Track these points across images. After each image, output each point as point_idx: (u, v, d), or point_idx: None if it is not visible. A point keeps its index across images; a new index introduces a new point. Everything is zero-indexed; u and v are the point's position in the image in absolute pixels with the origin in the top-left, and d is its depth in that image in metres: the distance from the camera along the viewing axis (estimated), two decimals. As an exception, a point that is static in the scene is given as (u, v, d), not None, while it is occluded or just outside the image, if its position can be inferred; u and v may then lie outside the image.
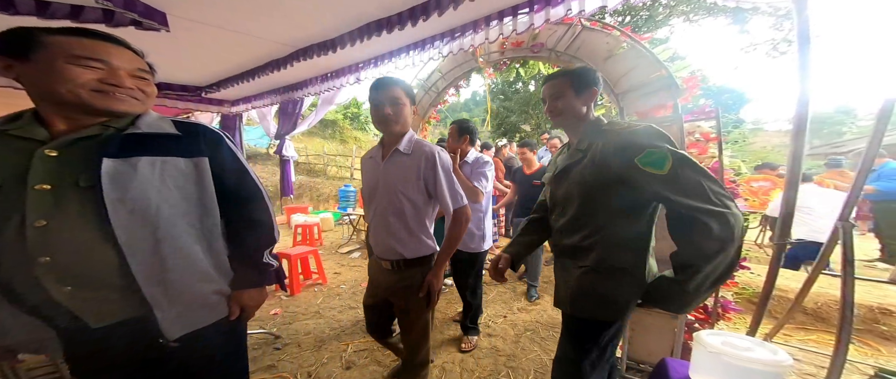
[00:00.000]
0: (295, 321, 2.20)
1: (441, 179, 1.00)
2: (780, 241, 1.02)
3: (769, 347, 0.51)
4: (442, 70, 2.64)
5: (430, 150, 1.01)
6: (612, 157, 0.74)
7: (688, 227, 0.65)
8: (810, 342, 1.89)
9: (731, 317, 1.36)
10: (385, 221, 1.04)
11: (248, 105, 2.79)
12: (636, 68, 1.53)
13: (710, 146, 1.45)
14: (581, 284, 0.81)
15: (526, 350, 1.81)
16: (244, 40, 1.62)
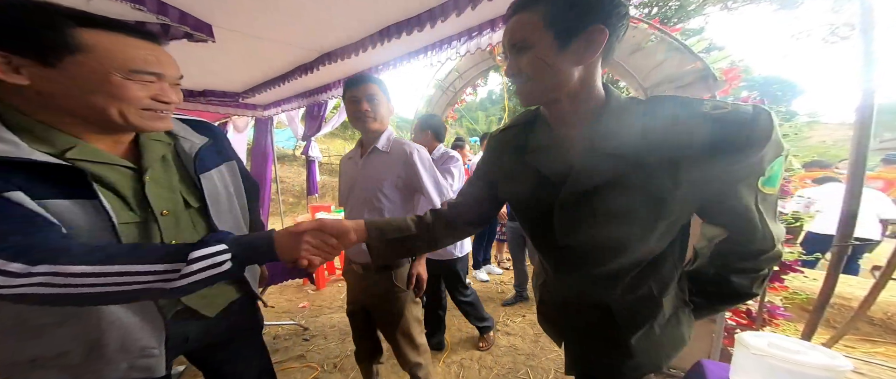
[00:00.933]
0: (321, 314, 2.31)
1: (422, 174, 1.00)
2: (840, 243, 0.92)
3: (823, 351, 0.46)
4: (459, 69, 2.66)
5: (408, 147, 1.02)
6: (700, 161, 0.43)
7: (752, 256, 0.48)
8: (878, 355, 1.67)
9: (779, 323, 1.23)
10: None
11: (278, 109, 2.98)
12: (667, 61, 1.45)
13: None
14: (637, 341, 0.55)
15: (545, 349, 1.78)
16: (277, 48, 1.74)
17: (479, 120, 15.78)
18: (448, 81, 2.75)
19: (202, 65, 1.94)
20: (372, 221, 0.64)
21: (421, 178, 1.00)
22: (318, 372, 1.60)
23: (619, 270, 0.52)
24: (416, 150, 1.02)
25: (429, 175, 1.02)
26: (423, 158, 1.02)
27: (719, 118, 0.42)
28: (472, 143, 3.32)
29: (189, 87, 2.36)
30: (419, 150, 1.03)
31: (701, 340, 1.31)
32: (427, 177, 1.01)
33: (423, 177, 1.00)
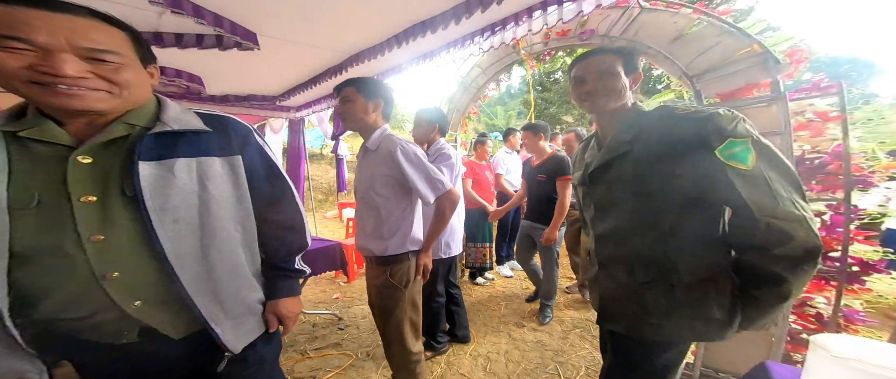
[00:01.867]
0: (353, 305, 2.43)
1: (409, 172, 0.97)
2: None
3: None
4: (482, 65, 2.62)
5: (392, 144, 0.99)
6: (679, 146, 0.62)
7: (759, 233, 0.56)
8: None
9: (858, 329, 1.07)
10: (361, 216, 1.06)
11: (310, 110, 3.15)
12: (717, 46, 1.32)
13: (828, 127, 1.18)
14: (645, 302, 0.67)
15: (575, 346, 1.74)
16: (310, 52, 1.85)
17: (497, 115, 15.49)
18: (470, 77, 2.73)
19: (248, 71, 2.12)
20: None
21: (407, 175, 0.97)
22: (353, 360, 1.70)
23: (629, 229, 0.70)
24: (401, 147, 0.99)
25: (417, 171, 0.99)
26: (409, 154, 0.99)
27: (693, 113, 0.63)
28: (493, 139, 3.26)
29: (234, 93, 2.59)
30: (405, 146, 1.00)
31: (757, 345, 1.19)
32: (415, 173, 0.98)
33: (409, 174, 0.98)
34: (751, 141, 0.58)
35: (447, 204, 1.03)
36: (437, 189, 1.01)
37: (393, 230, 1.02)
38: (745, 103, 1.26)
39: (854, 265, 1.07)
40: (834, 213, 1.16)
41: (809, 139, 1.21)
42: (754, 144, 0.58)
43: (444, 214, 1.03)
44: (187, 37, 1.21)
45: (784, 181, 0.56)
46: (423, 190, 0.99)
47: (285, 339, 1.94)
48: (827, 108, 1.20)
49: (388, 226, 1.02)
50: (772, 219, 0.54)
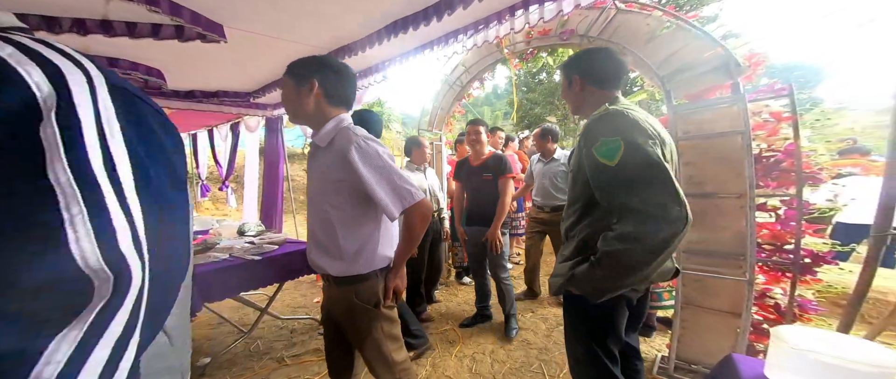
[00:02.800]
0: None
1: (366, 177, 0.78)
2: (878, 233, 0.86)
3: (871, 346, 0.43)
4: (465, 64, 2.62)
5: (346, 140, 0.80)
6: (582, 141, 0.78)
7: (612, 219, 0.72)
8: None
9: (810, 318, 1.17)
10: (312, 229, 0.88)
11: (288, 109, 3.01)
12: (684, 48, 1.39)
13: (782, 127, 1.27)
14: (569, 272, 0.81)
15: (559, 344, 1.76)
16: (285, 46, 1.76)
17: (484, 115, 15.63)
18: (454, 76, 2.72)
19: (216, 65, 1.98)
20: None
21: (364, 180, 0.78)
22: (333, 365, 1.64)
23: (568, 209, 0.88)
24: (358, 143, 0.79)
25: (377, 175, 0.79)
26: (368, 154, 0.80)
27: (596, 115, 0.79)
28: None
29: (201, 88, 2.42)
30: (364, 143, 0.80)
31: (725, 337, 1.27)
32: (374, 178, 0.79)
33: (366, 179, 0.78)
34: (622, 140, 0.69)
35: (418, 217, 0.83)
36: (405, 199, 0.81)
37: (353, 249, 0.83)
38: (710, 104, 1.33)
39: (806, 257, 1.16)
40: (787, 208, 1.25)
41: (765, 138, 1.30)
42: (625, 143, 0.69)
43: (415, 230, 0.84)
44: (141, 26, 1.10)
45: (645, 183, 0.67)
46: (385, 201, 0.79)
47: (261, 345, 1.84)
48: (781, 108, 1.29)
49: (347, 243, 0.83)
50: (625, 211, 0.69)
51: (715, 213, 1.31)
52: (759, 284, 1.25)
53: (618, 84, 0.85)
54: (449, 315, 2.19)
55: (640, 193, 0.66)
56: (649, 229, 0.64)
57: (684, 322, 1.38)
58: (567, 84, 0.90)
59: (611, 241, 0.69)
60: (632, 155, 0.68)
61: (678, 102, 1.41)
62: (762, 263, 1.26)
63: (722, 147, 1.30)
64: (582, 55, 0.89)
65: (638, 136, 0.70)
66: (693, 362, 1.36)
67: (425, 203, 0.84)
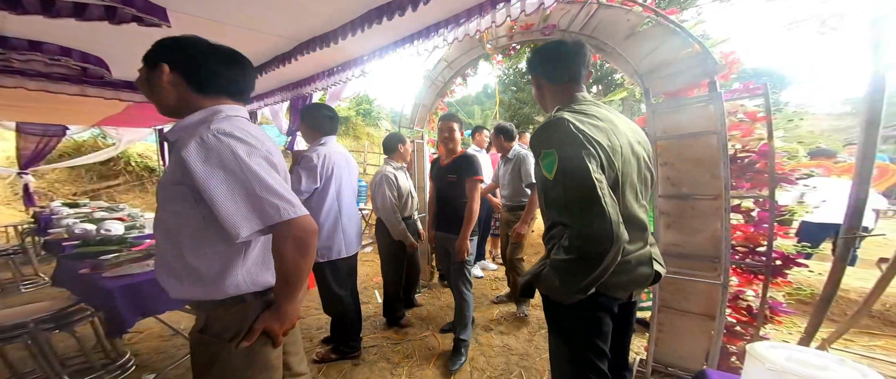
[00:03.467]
0: (307, 316, 2.24)
1: (205, 184, 0.58)
2: (848, 234, 0.86)
3: (854, 367, 0.40)
4: (448, 59, 2.55)
5: (194, 133, 0.62)
6: (533, 150, 0.78)
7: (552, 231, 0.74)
8: (877, 349, 1.66)
9: (781, 320, 1.19)
10: (157, 241, 0.71)
11: (261, 103, 2.83)
12: (663, 45, 1.37)
13: (757, 127, 1.27)
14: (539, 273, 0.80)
15: (540, 349, 1.74)
16: (247, 36, 1.62)
17: (474, 114, 15.64)
18: (436, 72, 2.63)
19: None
20: None
21: (205, 188, 0.59)
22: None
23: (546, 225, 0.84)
24: (202, 137, 0.60)
25: (223, 179, 0.59)
26: (214, 151, 0.60)
27: (543, 123, 0.76)
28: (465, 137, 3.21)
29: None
30: (210, 137, 0.60)
31: (700, 339, 1.27)
32: (216, 182, 0.59)
33: (207, 187, 0.58)
34: (557, 156, 0.68)
35: (291, 242, 0.63)
36: (268, 215, 0.61)
37: (212, 270, 0.66)
38: (687, 102, 1.32)
39: (777, 259, 1.18)
40: (760, 209, 1.26)
41: (740, 139, 1.31)
42: (559, 159, 0.68)
43: (287, 261, 0.63)
44: (60, 5, 0.95)
45: (569, 197, 0.68)
46: (230, 214, 0.59)
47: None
48: (755, 109, 1.30)
49: (199, 261, 0.65)
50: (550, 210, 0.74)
51: (691, 215, 1.31)
52: (732, 286, 1.26)
53: (574, 78, 0.80)
54: (430, 320, 2.13)
55: (570, 209, 0.67)
56: (583, 244, 0.66)
57: (661, 325, 1.38)
58: (533, 84, 0.89)
59: (559, 250, 0.71)
60: (564, 170, 0.67)
61: (656, 100, 1.40)
62: (736, 266, 1.27)
63: (698, 147, 1.29)
64: (536, 51, 0.85)
65: (571, 149, 0.67)
66: (669, 365, 1.36)
67: (303, 223, 0.63)
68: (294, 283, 0.66)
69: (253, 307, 0.70)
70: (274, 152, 0.71)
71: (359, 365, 1.65)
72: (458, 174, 1.65)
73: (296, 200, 0.65)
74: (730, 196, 1.21)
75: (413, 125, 2.80)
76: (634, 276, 0.76)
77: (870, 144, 0.82)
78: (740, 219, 1.29)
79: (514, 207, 2.18)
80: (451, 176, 1.66)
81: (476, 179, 1.61)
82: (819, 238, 2.34)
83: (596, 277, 0.67)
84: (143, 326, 2.00)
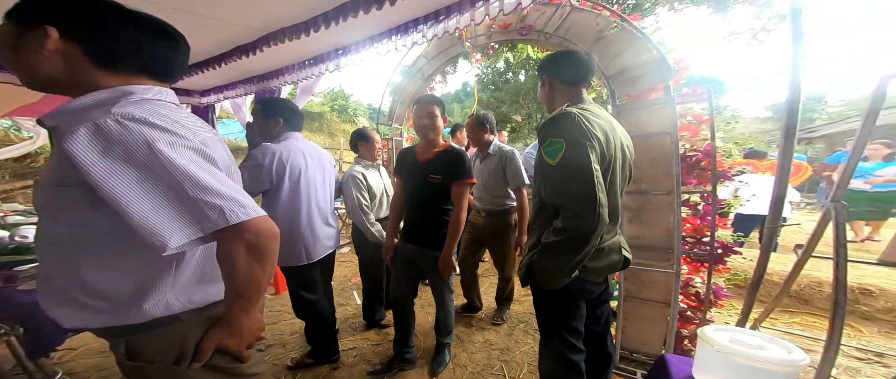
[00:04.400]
0: (280, 321, 2.12)
1: (106, 184, 0.45)
2: (772, 225, 1.01)
3: (781, 344, 0.48)
4: (427, 55, 2.53)
5: (80, 119, 0.46)
6: (539, 143, 0.85)
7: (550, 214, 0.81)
8: (795, 325, 1.96)
9: (723, 303, 1.37)
10: (39, 256, 0.55)
11: (220, 95, 2.59)
12: (627, 50, 1.48)
13: (703, 128, 1.43)
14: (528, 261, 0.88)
15: (519, 342, 1.80)
16: (204, 23, 1.47)
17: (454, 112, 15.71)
18: (416, 68, 2.60)
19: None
20: None
21: (101, 188, 0.45)
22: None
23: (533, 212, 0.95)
24: (97, 122, 0.46)
25: (129, 183, 0.46)
26: (117, 141, 0.46)
27: (549, 116, 0.86)
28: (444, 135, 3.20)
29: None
30: (111, 122, 0.46)
31: (659, 325, 1.42)
32: (122, 187, 0.46)
33: (105, 187, 0.45)
34: (564, 143, 0.76)
35: (243, 248, 0.51)
36: (206, 219, 0.48)
37: (114, 294, 0.53)
38: (648, 104, 1.45)
39: (719, 248, 1.34)
40: (705, 203, 1.43)
41: (689, 139, 1.47)
42: (566, 145, 0.75)
43: (239, 267, 0.52)
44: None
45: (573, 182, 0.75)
46: (152, 224, 0.46)
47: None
48: (701, 112, 1.46)
49: (102, 284, 0.52)
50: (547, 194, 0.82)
51: (649, 209, 1.44)
52: (683, 274, 1.41)
53: (583, 83, 0.92)
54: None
55: (569, 192, 0.75)
56: (575, 225, 0.74)
57: (626, 314, 1.50)
58: (540, 85, 0.98)
59: (550, 233, 0.79)
60: (569, 156, 0.75)
61: (621, 102, 1.51)
62: (686, 255, 1.42)
63: (655, 146, 1.42)
64: (552, 57, 0.96)
65: (579, 137, 0.76)
66: (634, 351, 1.50)
67: (256, 226, 0.51)
68: (251, 296, 0.55)
69: (193, 325, 0.57)
70: (212, 143, 0.56)
71: (338, 368, 1.60)
72: (443, 175, 1.28)
73: (247, 200, 0.52)
74: (681, 191, 1.36)
75: (391, 122, 2.74)
76: (609, 261, 0.87)
77: (789, 146, 0.97)
78: (689, 212, 1.44)
79: (493, 212, 1.82)
80: (433, 176, 1.29)
81: (468, 183, 1.28)
82: (749, 228, 2.72)
83: (581, 258, 0.76)
84: (78, 342, 1.76)
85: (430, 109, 1.33)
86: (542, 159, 0.80)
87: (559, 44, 1.70)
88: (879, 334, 1.85)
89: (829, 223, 0.86)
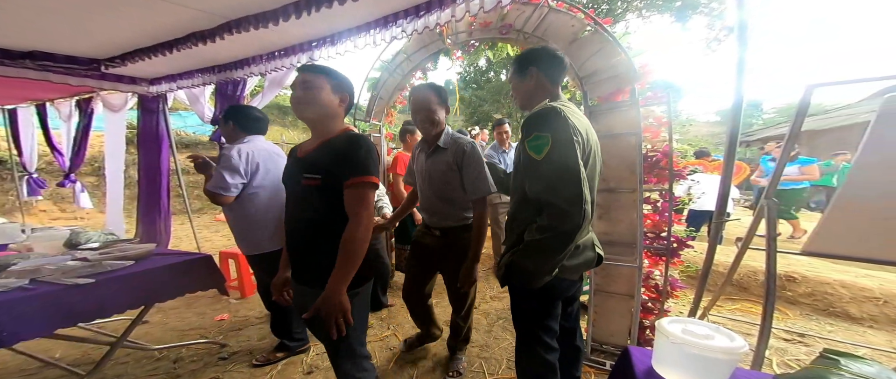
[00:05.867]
0: (247, 326, 1.99)
1: None
2: (718, 220, 1.13)
3: (725, 333, 0.54)
4: (407, 51, 2.47)
5: None
6: (522, 137, 0.82)
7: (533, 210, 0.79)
8: (737, 311, 2.20)
9: (678, 294, 1.50)
10: None
11: (173, 84, 2.33)
12: (599, 52, 1.56)
13: (662, 130, 1.55)
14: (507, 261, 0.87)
15: (498, 339, 1.84)
16: (153, 5, 1.30)
17: (434, 109, 15.54)
18: (395, 63, 2.53)
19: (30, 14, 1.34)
20: None
21: None
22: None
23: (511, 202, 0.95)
24: None
25: None
26: None
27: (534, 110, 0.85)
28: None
29: (7, 46, 1.64)
30: None
31: (624, 316, 1.53)
32: None
33: None
34: (551, 138, 0.75)
35: None
36: None
37: None
38: (616, 105, 1.53)
39: (675, 242, 1.48)
40: (663, 200, 1.56)
41: (650, 139, 1.58)
42: (553, 140, 0.75)
43: None
44: None
45: (562, 175, 0.74)
46: None
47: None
48: (661, 114, 1.59)
49: None
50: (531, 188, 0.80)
51: (616, 206, 1.55)
52: (644, 268, 1.52)
53: (561, 81, 0.93)
54: (390, 319, 2.10)
55: (556, 188, 0.74)
56: (560, 222, 0.73)
57: (596, 307, 1.60)
58: (521, 76, 0.92)
59: (533, 231, 0.77)
60: (555, 152, 0.74)
61: (593, 103, 1.59)
62: (647, 250, 1.54)
63: (621, 146, 1.51)
64: (539, 51, 0.92)
65: (565, 134, 0.75)
66: (603, 342, 1.61)
67: None
68: None
69: None
70: None
71: (312, 373, 1.54)
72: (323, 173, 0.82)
73: None
74: (643, 189, 1.47)
75: (369, 118, 2.65)
76: (584, 258, 0.88)
77: (732, 148, 1.08)
78: (649, 209, 1.56)
79: (451, 230, 1.32)
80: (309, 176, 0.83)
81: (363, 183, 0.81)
82: (700, 223, 3.03)
83: (563, 257, 0.76)
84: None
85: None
86: (526, 153, 0.78)
87: (537, 44, 1.74)
88: (801, 316, 2.12)
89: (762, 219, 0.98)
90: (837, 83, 1.02)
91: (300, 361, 1.62)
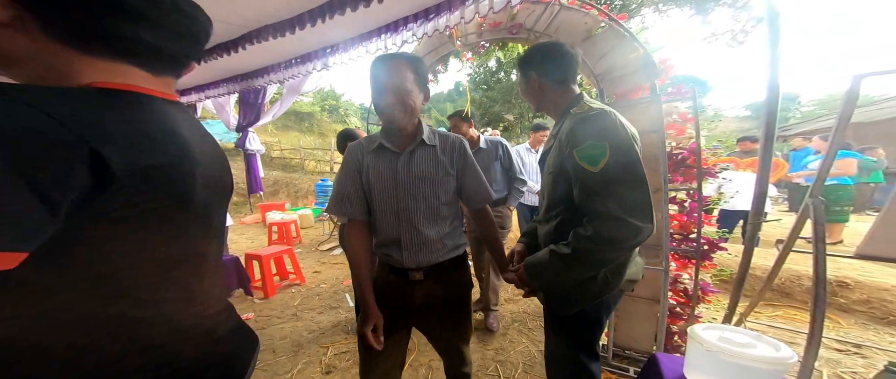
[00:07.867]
0: (269, 326, 2.06)
1: None
2: (755, 221, 1.04)
3: (769, 342, 0.48)
4: (417, 54, 2.49)
5: None
6: (564, 142, 0.73)
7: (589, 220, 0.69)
8: (778, 318, 2.02)
9: (710, 299, 1.40)
10: None
11: (202, 94, 2.49)
12: (615, 49, 1.50)
13: (688, 127, 1.46)
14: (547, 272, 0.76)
15: (514, 342, 1.80)
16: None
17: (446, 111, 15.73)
18: (406, 68, 2.57)
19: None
20: None
21: None
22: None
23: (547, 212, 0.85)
24: None
25: None
26: None
27: (581, 113, 0.74)
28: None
29: None
30: None
31: (649, 322, 1.44)
32: None
33: None
34: (608, 148, 0.67)
35: None
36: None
37: None
38: (634, 103, 1.46)
39: (705, 244, 1.38)
40: (691, 200, 1.46)
41: (675, 137, 1.49)
42: (611, 151, 0.67)
43: None
44: None
45: (630, 191, 0.66)
46: None
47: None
48: (686, 110, 1.49)
49: None
50: (586, 204, 0.69)
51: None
52: (671, 271, 1.43)
53: (574, 79, 0.83)
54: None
55: (621, 198, 0.66)
56: (623, 234, 0.65)
57: (618, 311, 1.51)
58: (524, 82, 0.87)
59: (584, 240, 0.67)
60: (617, 160, 0.66)
61: (609, 101, 1.52)
62: (673, 252, 1.45)
63: (643, 145, 1.41)
64: (534, 52, 0.84)
65: (624, 140, 0.68)
66: (626, 348, 1.52)
67: None
68: None
69: None
70: None
71: (331, 373, 1.56)
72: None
73: None
74: (668, 189, 1.38)
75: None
76: (632, 276, 0.79)
77: (769, 143, 0.99)
78: (676, 209, 1.47)
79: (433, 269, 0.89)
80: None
81: None
82: (733, 223, 2.81)
83: (620, 276, 0.69)
84: None
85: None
86: (578, 165, 0.69)
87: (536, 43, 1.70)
88: (856, 325, 1.92)
89: (808, 219, 0.89)
90: (887, 72, 0.92)
91: (319, 361, 1.65)
